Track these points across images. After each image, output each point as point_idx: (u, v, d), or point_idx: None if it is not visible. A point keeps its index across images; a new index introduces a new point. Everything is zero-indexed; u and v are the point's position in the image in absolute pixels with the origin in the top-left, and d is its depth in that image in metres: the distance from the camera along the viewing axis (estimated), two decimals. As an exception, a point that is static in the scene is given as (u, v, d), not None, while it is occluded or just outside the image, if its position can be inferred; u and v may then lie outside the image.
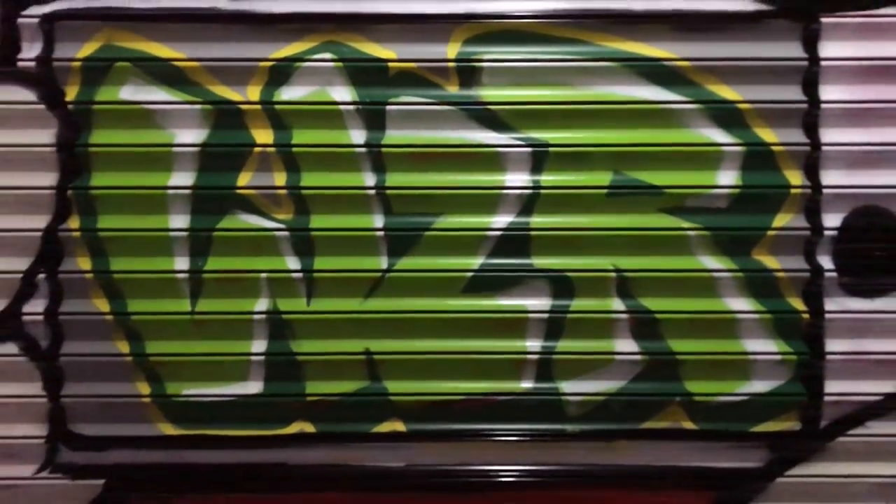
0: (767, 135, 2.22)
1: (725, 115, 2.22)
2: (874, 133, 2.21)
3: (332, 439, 2.30)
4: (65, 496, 2.27)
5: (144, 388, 2.27)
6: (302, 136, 2.24)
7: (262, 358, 2.28)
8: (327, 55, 2.23)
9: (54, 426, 2.26)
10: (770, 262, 2.26)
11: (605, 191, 2.25)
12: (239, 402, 2.28)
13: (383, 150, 2.24)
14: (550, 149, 2.24)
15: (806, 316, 2.25)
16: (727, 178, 2.24)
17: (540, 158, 2.26)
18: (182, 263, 2.25)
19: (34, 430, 2.26)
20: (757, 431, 2.29)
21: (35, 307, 2.24)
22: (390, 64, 2.23)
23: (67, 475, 2.29)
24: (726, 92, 2.21)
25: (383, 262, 2.27)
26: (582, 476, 2.31)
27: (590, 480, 2.30)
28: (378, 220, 2.25)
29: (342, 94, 2.23)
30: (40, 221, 2.23)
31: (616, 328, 2.28)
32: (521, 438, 2.32)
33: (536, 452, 2.31)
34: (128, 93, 2.23)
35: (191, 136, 2.23)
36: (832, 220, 2.24)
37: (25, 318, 2.24)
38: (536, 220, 2.27)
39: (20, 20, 2.18)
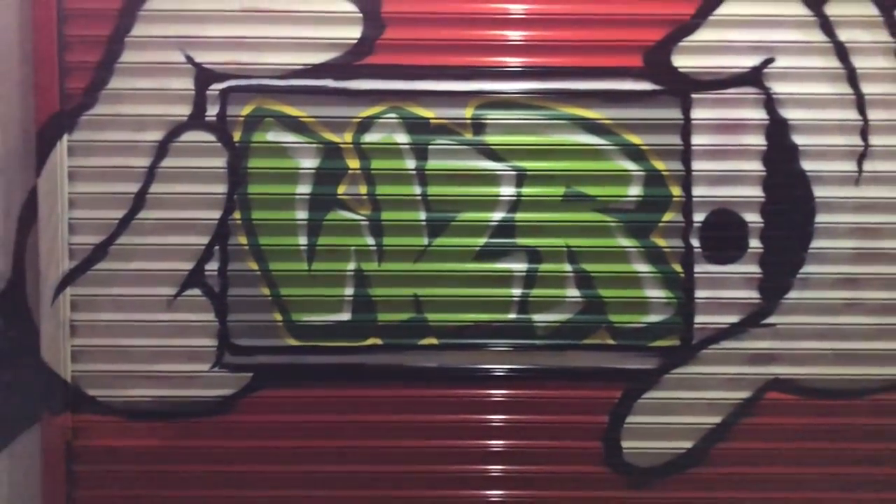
0: (659, 165, 2.75)
1: (633, 153, 2.73)
2: (724, 164, 2.76)
3: (393, 349, 2.78)
4: (226, 384, 2.79)
5: (278, 317, 2.77)
6: (377, 164, 2.75)
7: (351, 298, 2.76)
8: (393, 115, 2.73)
9: (221, 339, 2.77)
10: (661, 242, 2.77)
11: (560, 198, 2.76)
12: (336, 325, 2.77)
13: (426, 172, 2.74)
14: (528, 172, 2.74)
15: (682, 275, 2.76)
16: (635, 191, 2.75)
17: (521, 178, 2.75)
18: (303, 240, 2.75)
19: (209, 342, 2.78)
20: (653, 346, 2.79)
21: (212, 266, 2.76)
22: (431, 120, 2.72)
23: (228, 370, 2.78)
24: (634, 139, 2.73)
25: (425, 241, 2.76)
26: (545, 372, 2.80)
27: (550, 375, 2.79)
28: (422, 215, 2.75)
29: (402, 138, 2.74)
30: (216, 213, 2.75)
31: (566, 282, 2.78)
32: (508, 349, 2.80)
33: (517, 358, 2.80)
34: (271, 136, 2.74)
35: (309, 163, 2.74)
36: (699, 217, 2.76)
37: (206, 273, 2.76)
38: (519, 216, 2.76)
39: (207, 92, 2.74)
